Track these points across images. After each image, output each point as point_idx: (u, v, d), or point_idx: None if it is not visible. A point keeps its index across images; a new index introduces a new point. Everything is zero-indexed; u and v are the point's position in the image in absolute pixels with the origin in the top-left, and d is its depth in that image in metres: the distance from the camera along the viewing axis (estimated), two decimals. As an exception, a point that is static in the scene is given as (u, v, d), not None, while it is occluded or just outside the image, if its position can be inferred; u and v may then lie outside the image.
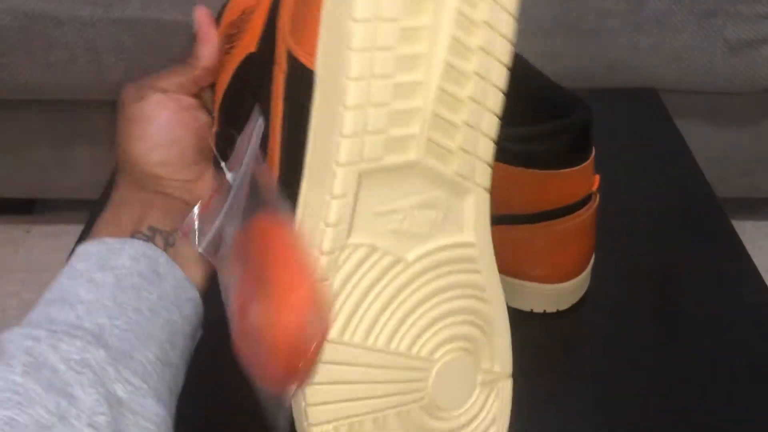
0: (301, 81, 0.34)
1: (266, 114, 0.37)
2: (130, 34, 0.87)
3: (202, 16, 0.41)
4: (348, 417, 0.34)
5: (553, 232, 0.51)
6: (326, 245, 0.33)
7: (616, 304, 0.56)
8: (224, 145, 0.39)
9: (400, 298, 0.34)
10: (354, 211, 0.33)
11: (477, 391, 0.37)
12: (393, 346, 0.34)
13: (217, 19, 0.42)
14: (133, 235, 0.37)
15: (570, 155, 0.49)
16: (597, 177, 0.51)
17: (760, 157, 1.04)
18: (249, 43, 0.38)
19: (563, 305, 0.55)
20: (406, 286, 0.34)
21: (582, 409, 0.49)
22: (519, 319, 0.54)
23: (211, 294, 0.39)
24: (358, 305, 0.34)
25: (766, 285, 0.57)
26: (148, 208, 0.38)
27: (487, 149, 0.35)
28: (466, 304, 0.36)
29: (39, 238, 1.20)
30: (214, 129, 0.41)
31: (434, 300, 0.35)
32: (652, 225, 0.63)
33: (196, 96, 0.41)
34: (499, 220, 0.51)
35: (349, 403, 0.34)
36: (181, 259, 0.38)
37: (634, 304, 0.56)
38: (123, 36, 0.88)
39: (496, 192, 0.50)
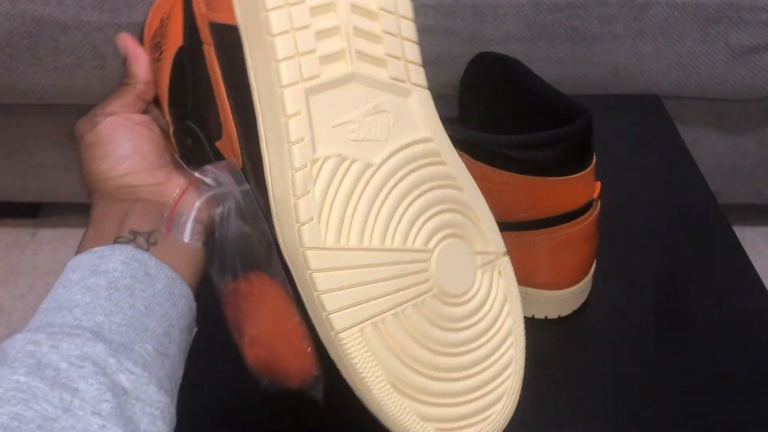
0: (229, 39, 0.38)
1: (209, 91, 0.39)
2: (136, 39, 0.88)
3: (125, 39, 0.44)
4: (369, 318, 0.35)
5: (555, 239, 0.51)
6: (296, 161, 0.35)
7: (617, 310, 0.56)
8: (184, 139, 0.42)
9: (380, 198, 0.37)
10: (311, 127, 0.36)
11: (480, 273, 0.39)
12: (387, 243, 0.37)
13: (141, 37, 0.45)
14: (116, 241, 0.38)
15: (571, 162, 0.49)
16: (598, 184, 0.51)
17: (764, 164, 1.03)
18: (175, 40, 0.41)
19: (565, 311, 0.55)
20: (383, 187, 0.37)
21: (583, 416, 0.49)
22: (520, 325, 0.55)
23: (204, 293, 0.40)
24: (343, 211, 0.36)
25: (766, 292, 0.57)
26: (127, 215, 0.40)
27: (413, 52, 0.39)
28: (442, 194, 0.39)
29: (44, 242, 1.21)
30: (171, 129, 0.43)
31: (412, 195, 0.38)
32: (654, 232, 0.64)
33: (145, 112, 0.44)
34: (500, 227, 0.52)
35: (366, 304, 0.35)
36: (167, 257, 0.39)
37: (636, 310, 0.56)
38: (129, 41, 0.88)
39: (497, 199, 0.51)
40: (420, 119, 0.39)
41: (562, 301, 0.54)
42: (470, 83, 0.57)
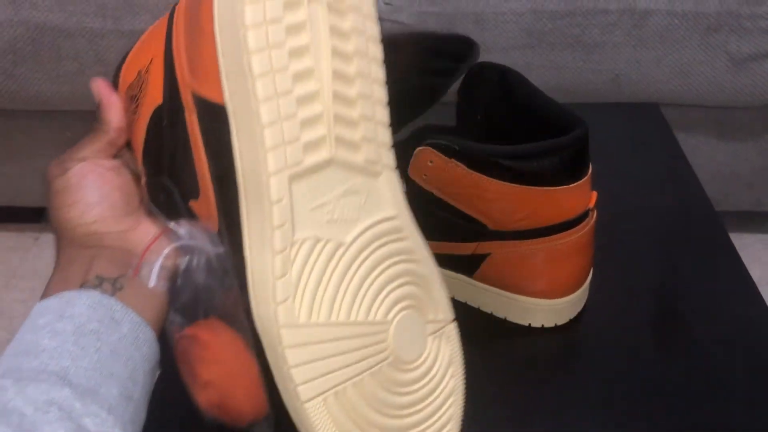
0: (214, 116, 0.38)
1: (188, 154, 0.40)
2: (138, 46, 0.88)
3: (100, 85, 0.45)
4: (332, 387, 0.38)
5: (551, 249, 0.51)
6: (277, 245, 0.37)
7: (613, 319, 0.57)
8: (156, 192, 0.42)
9: (349, 275, 0.39)
10: (292, 211, 0.38)
11: (430, 340, 0.42)
12: (352, 317, 0.39)
13: (115, 79, 0.46)
14: (82, 286, 0.39)
15: (567, 172, 0.49)
16: (594, 193, 0.52)
17: (764, 171, 1.04)
18: (155, 97, 0.42)
19: (561, 320, 0.55)
20: (351, 265, 0.39)
21: (580, 424, 0.49)
22: (517, 333, 0.55)
23: (167, 336, 0.41)
24: (315, 289, 0.38)
25: (763, 300, 0.57)
26: (93, 261, 0.40)
27: (385, 135, 0.41)
28: (402, 268, 0.41)
29: (47, 246, 1.21)
30: (143, 180, 0.43)
31: (376, 271, 0.40)
32: (651, 240, 0.64)
33: (115, 157, 0.44)
34: (497, 236, 0.52)
35: (330, 375, 0.38)
36: (132, 302, 0.39)
37: (632, 319, 0.56)
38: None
39: (493, 208, 0.51)
40: (387, 199, 0.41)
41: (559, 310, 0.54)
42: (468, 93, 0.57)
